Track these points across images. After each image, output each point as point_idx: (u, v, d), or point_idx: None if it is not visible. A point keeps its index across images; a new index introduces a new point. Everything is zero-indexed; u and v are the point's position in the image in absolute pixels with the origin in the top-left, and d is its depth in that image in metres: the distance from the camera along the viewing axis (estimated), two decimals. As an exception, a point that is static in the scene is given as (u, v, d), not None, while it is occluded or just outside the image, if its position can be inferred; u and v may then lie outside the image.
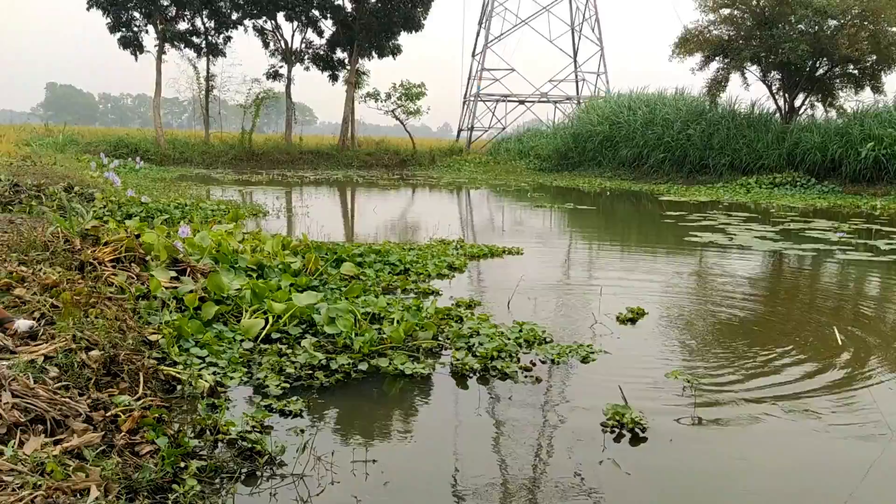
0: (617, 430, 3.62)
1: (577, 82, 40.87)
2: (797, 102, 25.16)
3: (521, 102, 41.07)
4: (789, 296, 7.52)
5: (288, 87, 35.93)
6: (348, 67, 35.52)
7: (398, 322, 5.10)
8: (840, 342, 5.27)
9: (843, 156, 21.84)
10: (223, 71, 62.96)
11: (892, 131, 20.93)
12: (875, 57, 22.65)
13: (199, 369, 4.16)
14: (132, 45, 32.24)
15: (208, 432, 3.35)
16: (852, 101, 24.57)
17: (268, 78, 35.79)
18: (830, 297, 7.45)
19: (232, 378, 4.15)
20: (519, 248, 9.64)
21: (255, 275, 6.31)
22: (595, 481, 3.10)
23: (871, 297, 7.70)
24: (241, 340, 4.74)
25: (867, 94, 24.04)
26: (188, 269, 5.87)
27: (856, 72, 23.71)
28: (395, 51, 34.98)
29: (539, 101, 41.03)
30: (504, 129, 41.27)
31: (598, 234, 13.20)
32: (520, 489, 3.03)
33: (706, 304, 6.79)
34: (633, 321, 5.92)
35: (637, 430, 3.62)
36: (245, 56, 74.65)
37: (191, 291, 5.28)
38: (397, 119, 36.40)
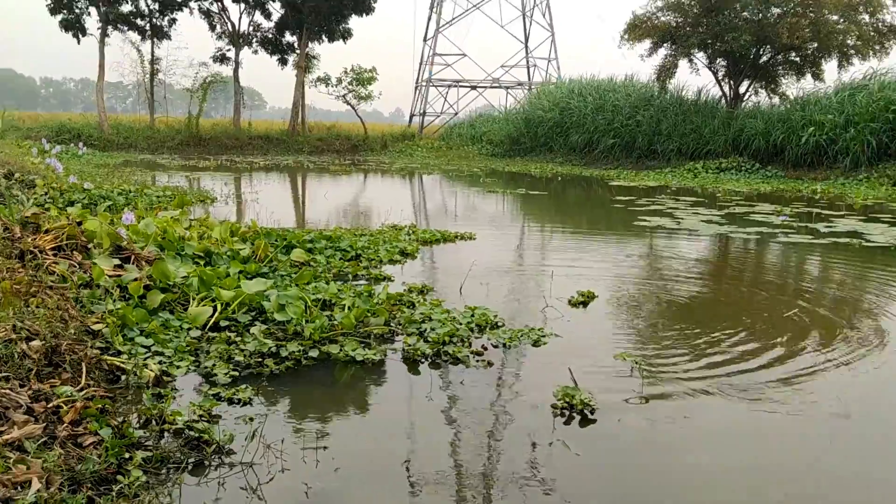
0: (567, 412, 3.66)
1: (528, 68, 41.05)
2: (742, 89, 25.71)
3: (473, 88, 41.10)
4: (735, 278, 7.70)
5: (236, 70, 35.27)
6: (298, 51, 35.02)
7: (349, 308, 5.06)
8: (792, 317, 5.41)
9: (786, 141, 22.41)
10: (169, 54, 61.51)
11: (831, 117, 21.53)
12: (816, 45, 23.24)
13: (145, 359, 4.08)
14: (74, 27, 31.24)
15: (154, 422, 3.28)
16: (794, 87, 25.21)
17: (215, 61, 35.09)
18: (774, 279, 7.65)
19: (179, 367, 4.07)
20: (471, 234, 9.66)
21: (202, 262, 6.20)
22: (546, 463, 3.13)
23: (813, 278, 7.93)
24: (189, 329, 4.65)
25: (808, 82, 24.72)
26: (132, 257, 5.74)
27: (797, 59, 24.32)
28: (346, 35, 34.59)
29: (491, 87, 41.13)
30: (456, 114, 41.29)
31: (550, 218, 13.30)
32: (472, 473, 3.05)
33: (655, 286, 6.91)
34: (583, 304, 5.98)
35: (586, 411, 3.66)
36: (191, 39, 72.78)
37: (135, 279, 5.16)
38: (348, 104, 36.10)
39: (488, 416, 3.64)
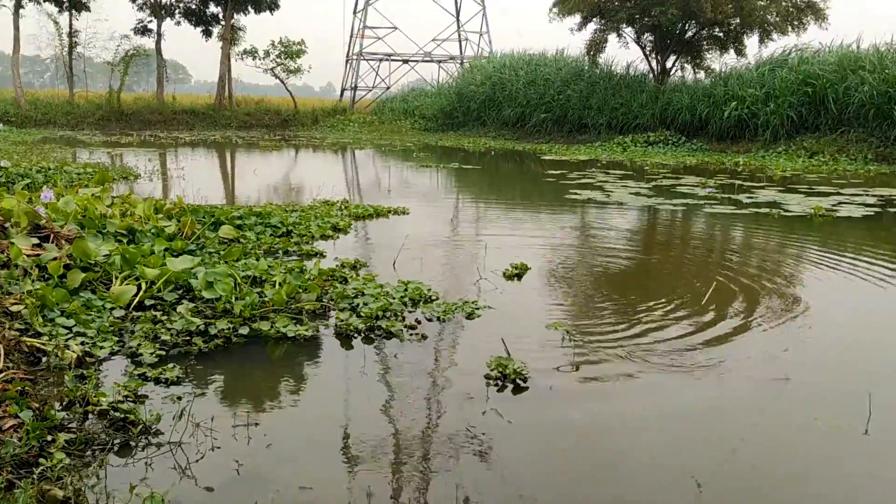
0: (500, 382, 3.71)
1: (460, 42, 40.94)
2: (669, 64, 26.24)
3: (405, 62, 40.77)
4: (663, 248, 7.91)
5: (158, 43, 34.09)
6: (223, 23, 34.01)
7: (280, 285, 4.99)
8: (710, 292, 5.59)
9: (710, 115, 23.05)
10: (88, 26, 59.02)
11: (752, 91, 22.21)
12: (738, 20, 23.87)
13: (66, 340, 3.94)
14: (-18, -4, 29.57)
15: (77, 404, 3.18)
16: (718, 62, 25.88)
17: (136, 34, 33.85)
18: (700, 249, 7.88)
19: (102, 348, 3.94)
20: (405, 208, 9.63)
21: (125, 240, 6.00)
22: (480, 432, 3.17)
23: (736, 247, 8.20)
24: (112, 308, 4.51)
25: (732, 57, 25.40)
26: (52, 236, 5.51)
27: (721, 34, 24.93)
28: (273, 6, 33.79)
29: (423, 61, 40.87)
30: (388, 88, 40.92)
31: (484, 192, 13.37)
32: (406, 444, 3.06)
33: (586, 258, 7.03)
34: (517, 276, 6.05)
35: (519, 380, 3.71)
36: (111, 10, 69.87)
37: (55, 259, 4.96)
38: (277, 78, 35.35)
39: (422, 389, 3.66)
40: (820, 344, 4.52)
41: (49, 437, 2.82)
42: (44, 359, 3.73)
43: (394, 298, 5.00)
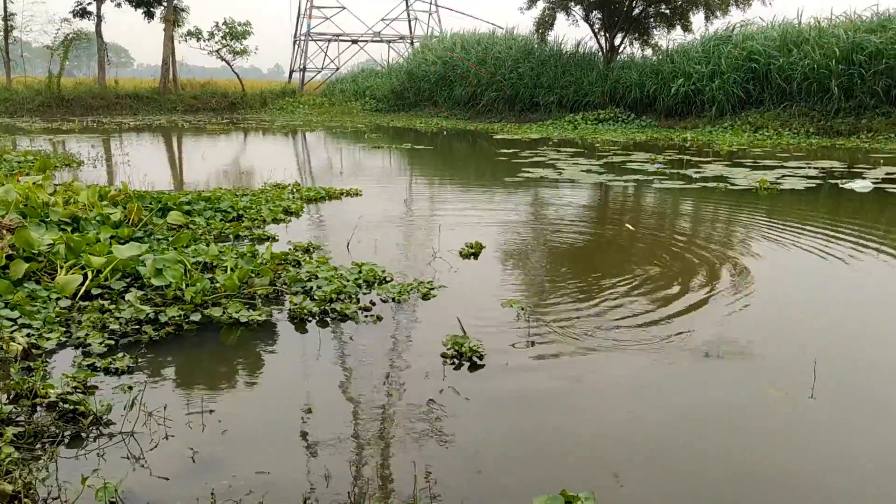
0: (457, 360, 3.73)
1: (409, 21, 40.55)
2: (617, 41, 26.40)
3: (354, 42, 40.24)
4: (614, 224, 8.01)
5: (98, 25, 33.05)
6: (165, 4, 33.10)
7: (232, 270, 4.92)
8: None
9: (658, 92, 23.34)
10: (24, 9, 56.83)
11: (699, 68, 22.55)
12: (684, -3, 24.14)
13: (11, 332, 3.83)
14: None
15: (25, 397, 3.10)
16: (666, 39, 26.15)
17: (75, 16, 32.71)
18: (652, 224, 8.00)
19: (49, 339, 3.84)
20: (358, 190, 9.56)
21: (69, 228, 5.84)
22: (437, 410, 3.19)
23: (686, 220, 8.35)
24: (58, 299, 4.39)
25: (679, 34, 25.67)
26: (-10, 226, 5.33)
27: (667, 11, 25.16)
28: (217, -14, 32.96)
29: (372, 41, 40.38)
30: (338, 69, 40.37)
31: (437, 172, 13.34)
32: (363, 425, 3.05)
33: (540, 235, 7.09)
34: (471, 256, 6.07)
35: (475, 358, 3.74)
36: (47, -8, 67.37)
37: (-5, 249, 4.80)
38: (223, 60, 34.62)
39: (379, 370, 3.65)
40: (767, 313, 4.64)
41: (-5, 432, 2.74)
42: (-13, 352, 3.62)
43: (348, 281, 4.97)
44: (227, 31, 33.52)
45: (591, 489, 2.45)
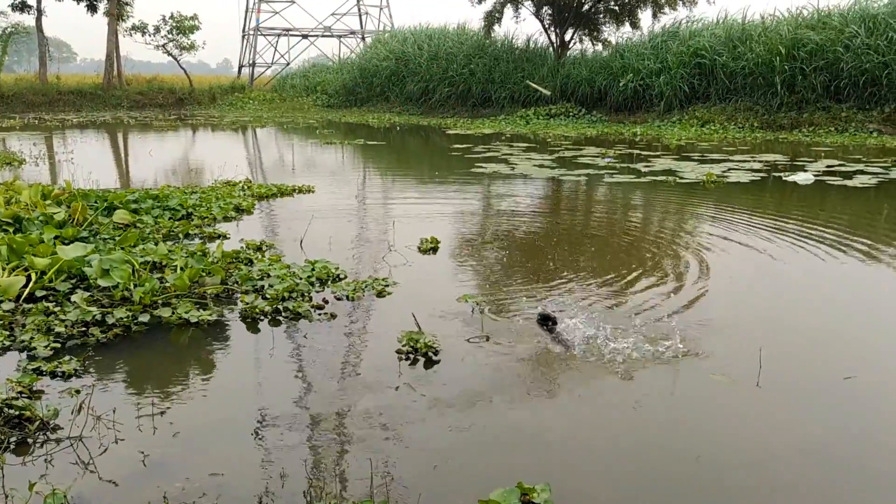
0: (412, 356, 3.73)
1: (360, 16, 40.34)
2: (567, 37, 26.66)
3: (305, 37, 39.86)
4: (567, 218, 8.09)
5: (38, 19, 32.06)
6: (109, -3, 32.28)
7: (182, 269, 4.83)
8: (618, 256, 5.76)
9: (608, 87, 23.65)
10: (-44, 0, 54.64)
11: (647, 63, 22.91)
12: (631, -6, 24.50)
13: (-51, 337, 3.70)
14: None
15: (-35, 404, 2.99)
16: (615, 35, 26.50)
17: (14, 10, 31.66)
18: (604, 217, 8.11)
19: (-9, 343, 3.73)
20: (310, 186, 9.48)
21: (11, 229, 5.66)
22: (393, 406, 3.18)
23: (637, 213, 8.48)
24: (0, 301, 4.26)
25: (628, 30, 26.04)
26: (-74, 227, 5.14)
27: (616, 8, 25.50)
28: (162, -21, 32.27)
29: (323, 36, 40.08)
30: (288, 64, 39.95)
31: (390, 168, 13.31)
32: (318, 424, 3.03)
33: (494, 230, 7.12)
34: (426, 251, 6.07)
35: (430, 353, 3.74)
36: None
37: (-69, 252, 4.64)
38: (170, 55, 33.96)
39: (333, 368, 3.63)
40: (714, 304, 4.75)
41: (-65, 441, 2.65)
42: (-76, 358, 3.49)
43: (300, 279, 4.93)
44: (174, 25, 32.88)
45: (547, 481, 2.48)
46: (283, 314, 4.38)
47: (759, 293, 5.10)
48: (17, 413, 2.93)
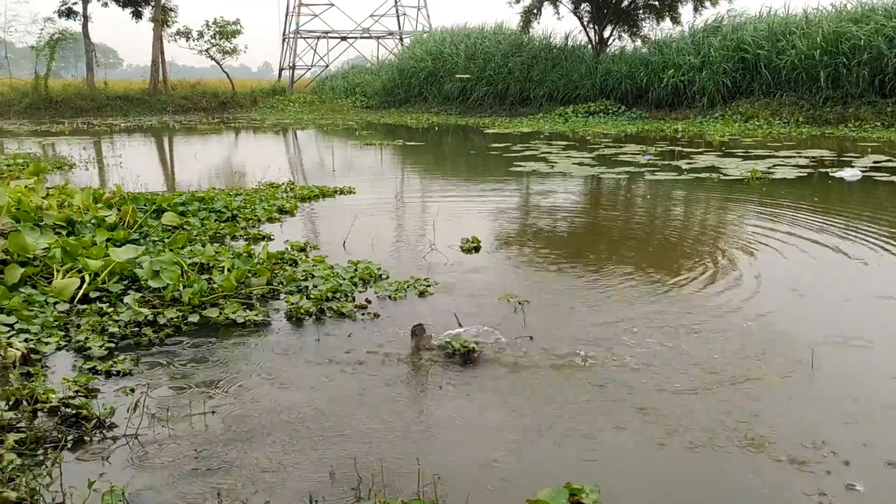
0: (454, 355, 3.74)
1: (398, 17, 40.50)
2: (606, 33, 26.42)
3: (343, 39, 40.16)
4: (608, 215, 8.03)
5: (85, 26, 32.82)
6: (153, 3, 32.94)
7: (229, 270, 4.93)
8: (657, 249, 5.70)
9: (648, 83, 23.39)
10: (7, 9, 56.32)
11: (689, 58, 22.61)
12: (673, -12, 24.18)
13: (9, 337, 3.82)
14: None
15: (25, 402, 3.10)
16: (655, 31, 26.18)
17: (60, 16, 32.46)
18: (645, 214, 8.03)
19: (47, 343, 3.85)
20: (351, 188, 9.56)
21: (64, 232, 5.83)
22: (436, 406, 3.20)
23: (679, 211, 8.38)
24: (55, 303, 4.40)
25: (668, 25, 25.70)
26: (-16, 231, 5.31)
27: (656, 3, 25.18)
28: (205, -15, 32.80)
29: (361, 37, 40.33)
30: (327, 66, 40.29)
31: (430, 168, 13.35)
32: (364, 422, 3.07)
33: (535, 228, 7.11)
34: (468, 250, 6.08)
35: (469, 352, 3.75)
36: (32, -8, 67.10)
37: (-10, 255, 4.79)
38: (213, 59, 34.47)
39: (375, 365, 3.67)
40: (769, 297, 4.68)
41: (-3, 438, 2.75)
42: (-14, 358, 3.61)
43: (343, 279, 4.99)
44: (217, 30, 33.39)
45: (596, 481, 2.47)
46: (327, 314, 4.43)
47: (811, 291, 5.00)
48: (74, 412, 3.02)
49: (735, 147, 14.77)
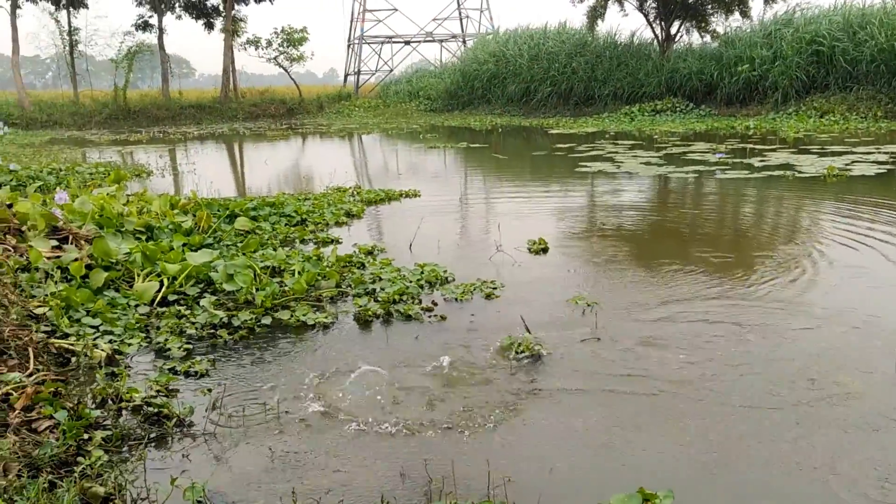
0: (521, 356, 3.74)
1: (461, 20, 40.59)
2: (673, 30, 25.92)
3: (407, 43, 40.50)
4: (678, 216, 7.87)
5: (160, 38, 34.01)
6: (224, 14, 33.90)
7: (299, 273, 5.04)
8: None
9: (718, 79, 22.83)
10: (88, 24, 58.86)
11: (762, 52, 21.97)
12: (742, -19, 23.55)
13: (94, 339, 4.00)
14: (-21, -1, 29.54)
15: (111, 401, 3.24)
16: (723, 25, 25.54)
17: (137, 29, 33.73)
18: (716, 214, 7.84)
19: (130, 344, 4.01)
20: (416, 191, 9.63)
21: (144, 237, 6.06)
22: (505, 409, 3.21)
23: (752, 210, 8.15)
24: (136, 305, 4.57)
25: (737, 19, 25.03)
26: (70, 237, 5.57)
27: (725, -3, 24.56)
28: (273, -6, 33.60)
29: (424, 41, 40.59)
30: (391, 71, 40.68)
31: (494, 170, 13.34)
32: (432, 425, 3.09)
33: (602, 230, 7.03)
34: (534, 252, 6.06)
35: (537, 354, 3.74)
36: (111, 7, 69.83)
37: (76, 260, 5.03)
38: (281, 66, 35.24)
39: (443, 368, 3.69)
40: (848, 296, 4.52)
41: (85, 436, 2.88)
42: (73, 359, 3.79)
43: (410, 282, 5.03)
44: (285, 38, 34.12)
45: (670, 487, 2.43)
46: (394, 316, 4.48)
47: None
48: (155, 410, 3.15)
49: (810, 143, 14.29)
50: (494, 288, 4.98)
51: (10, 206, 5.78)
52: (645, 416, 3.14)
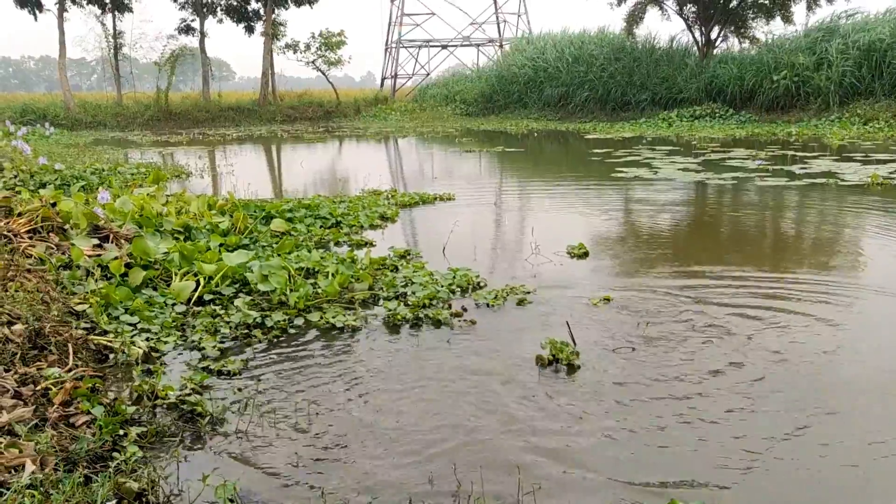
0: (552, 364, 3.71)
1: (498, 24, 40.58)
2: (713, 35, 25.63)
3: (444, 47, 40.61)
4: (716, 222, 7.76)
5: (202, 41, 34.56)
6: (264, 18, 34.35)
7: (333, 275, 5.07)
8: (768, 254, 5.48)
9: (758, 85, 22.48)
10: (133, 27, 60.04)
11: (804, 58, 21.59)
12: (785, -14, 23.19)
13: (132, 336, 4.08)
14: (29, 2, 30.31)
15: (146, 398, 3.29)
16: (764, 31, 25.19)
17: (179, 33, 34.33)
18: (754, 221, 7.71)
19: (166, 342, 4.07)
20: (451, 195, 9.64)
21: (182, 237, 6.16)
22: (537, 415, 3.19)
23: (792, 218, 8.00)
24: (173, 304, 4.65)
25: (778, 25, 24.70)
26: (111, 236, 5.68)
27: (767, 2, 24.22)
28: (313, -1, 33.92)
29: (462, 45, 40.67)
30: (428, 75, 40.84)
31: (529, 175, 13.29)
32: (462, 429, 3.09)
33: (639, 235, 6.96)
34: (577, 257, 6.03)
35: (574, 363, 3.71)
36: (155, 11, 71.32)
37: (115, 258, 5.12)
38: (319, 70, 35.59)
39: (470, 372, 3.68)
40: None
41: (121, 432, 2.93)
42: (111, 356, 3.86)
43: (441, 286, 5.02)
44: (323, 41, 34.46)
45: (701, 499, 2.40)
46: (424, 321, 4.48)
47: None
48: (189, 408, 3.19)
49: (853, 151, 13.99)
50: (526, 293, 4.96)
51: (53, 204, 5.91)
52: (683, 424, 3.09)
